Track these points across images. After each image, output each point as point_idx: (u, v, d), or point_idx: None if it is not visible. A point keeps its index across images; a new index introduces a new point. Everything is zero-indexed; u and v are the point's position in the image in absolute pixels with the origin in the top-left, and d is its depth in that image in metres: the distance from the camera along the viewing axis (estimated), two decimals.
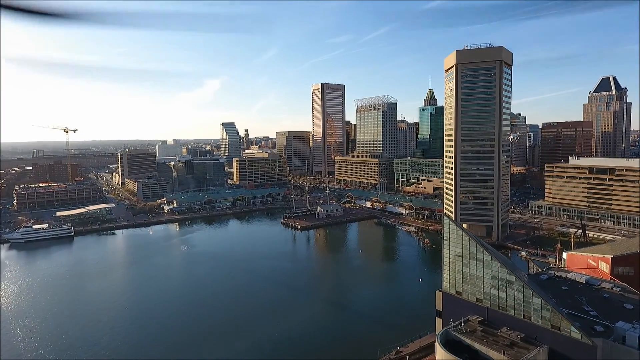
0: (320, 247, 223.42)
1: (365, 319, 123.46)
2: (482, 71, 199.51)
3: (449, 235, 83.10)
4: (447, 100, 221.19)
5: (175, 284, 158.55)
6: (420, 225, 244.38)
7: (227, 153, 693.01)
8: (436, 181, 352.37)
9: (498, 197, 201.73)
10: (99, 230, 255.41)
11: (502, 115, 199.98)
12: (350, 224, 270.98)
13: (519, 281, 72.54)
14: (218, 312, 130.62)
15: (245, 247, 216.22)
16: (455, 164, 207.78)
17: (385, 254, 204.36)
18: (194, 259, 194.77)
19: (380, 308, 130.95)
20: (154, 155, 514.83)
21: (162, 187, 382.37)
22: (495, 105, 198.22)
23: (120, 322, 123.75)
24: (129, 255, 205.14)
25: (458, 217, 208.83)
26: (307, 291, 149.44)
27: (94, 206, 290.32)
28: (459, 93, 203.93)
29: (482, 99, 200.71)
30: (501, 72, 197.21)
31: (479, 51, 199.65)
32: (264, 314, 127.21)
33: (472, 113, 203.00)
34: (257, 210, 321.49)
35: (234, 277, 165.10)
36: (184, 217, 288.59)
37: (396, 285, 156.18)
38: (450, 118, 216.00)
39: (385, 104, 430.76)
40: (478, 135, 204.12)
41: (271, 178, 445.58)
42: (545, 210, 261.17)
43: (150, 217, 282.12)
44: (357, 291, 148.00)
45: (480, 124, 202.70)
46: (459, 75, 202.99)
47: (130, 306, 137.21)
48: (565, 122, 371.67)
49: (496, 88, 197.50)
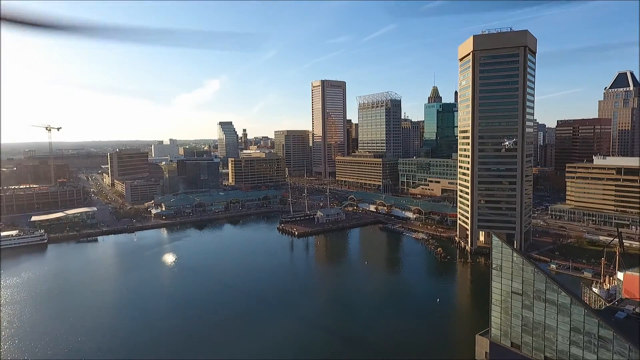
0: (319, 258, 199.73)
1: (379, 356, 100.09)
2: (504, 58, 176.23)
3: (501, 262, 59.85)
4: (462, 93, 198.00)
5: (149, 308, 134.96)
6: (430, 232, 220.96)
7: (225, 153, 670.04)
8: (444, 182, 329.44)
9: (521, 201, 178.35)
10: (77, 237, 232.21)
11: (525, 109, 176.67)
12: (352, 229, 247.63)
13: (621, 340, 48.93)
14: (196, 347, 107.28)
15: (235, 257, 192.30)
16: (472, 164, 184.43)
17: (393, 267, 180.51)
18: (175, 273, 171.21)
19: (396, 342, 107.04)
20: (146, 155, 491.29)
21: (153, 188, 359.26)
22: (518, 98, 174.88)
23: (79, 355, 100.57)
24: (103, 268, 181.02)
25: (475, 223, 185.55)
26: (305, 317, 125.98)
27: (73, 210, 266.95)
28: (476, 84, 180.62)
29: (503, 91, 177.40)
30: (525, 60, 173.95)
31: (500, 36, 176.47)
32: (255, 347, 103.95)
33: (492, 106, 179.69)
34: (252, 214, 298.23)
35: (219, 299, 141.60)
36: (172, 222, 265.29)
37: (410, 306, 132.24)
38: (465, 113, 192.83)
39: (389, 101, 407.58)
40: (498, 131, 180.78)
41: (269, 179, 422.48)
42: (567, 214, 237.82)
43: (134, 222, 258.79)
44: (366, 317, 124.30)
45: (500, 118, 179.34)
46: (477, 64, 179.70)
47: (91, 338, 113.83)
48: (582, 119, 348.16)
49: (519, 78, 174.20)
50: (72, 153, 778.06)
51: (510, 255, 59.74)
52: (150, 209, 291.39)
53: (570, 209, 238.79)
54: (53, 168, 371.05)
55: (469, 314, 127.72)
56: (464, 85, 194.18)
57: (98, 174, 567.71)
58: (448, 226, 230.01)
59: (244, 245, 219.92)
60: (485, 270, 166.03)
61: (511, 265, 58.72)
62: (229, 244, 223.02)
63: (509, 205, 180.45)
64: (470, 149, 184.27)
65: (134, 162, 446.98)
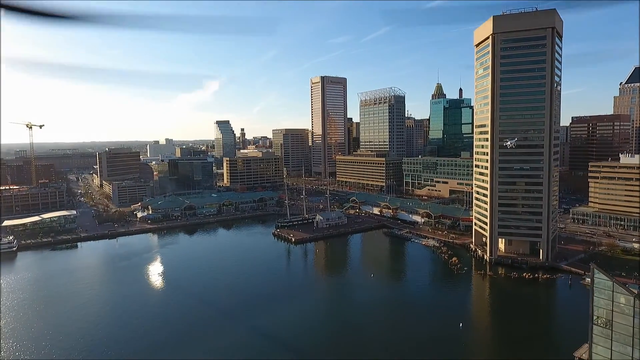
0: (319, 269, 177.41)
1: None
2: (529, 42, 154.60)
3: (611, 315, 38.07)
4: (478, 83, 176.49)
5: (113, 333, 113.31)
6: (441, 238, 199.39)
7: (222, 153, 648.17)
8: (453, 183, 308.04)
9: (548, 205, 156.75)
10: (53, 244, 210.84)
11: (554, 99, 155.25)
12: (355, 235, 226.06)
13: None
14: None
15: (223, 269, 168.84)
16: (492, 162, 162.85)
17: (403, 280, 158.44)
18: (149, 291, 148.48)
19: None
20: (137, 154, 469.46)
21: (142, 190, 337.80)
22: (546, 87, 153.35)
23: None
24: (73, 281, 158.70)
25: (495, 230, 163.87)
26: (303, 349, 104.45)
27: (50, 214, 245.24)
28: (496, 72, 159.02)
29: (528, 79, 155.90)
30: (553, 43, 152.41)
31: (524, 16, 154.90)
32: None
33: (515, 97, 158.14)
34: (247, 218, 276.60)
35: (193, 318, 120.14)
36: (158, 227, 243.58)
37: (428, 331, 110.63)
38: (483, 105, 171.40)
39: (392, 97, 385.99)
40: (522, 125, 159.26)
41: (266, 180, 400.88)
42: (591, 218, 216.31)
43: (116, 227, 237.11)
44: (377, 347, 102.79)
45: (525, 110, 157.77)
46: (497, 49, 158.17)
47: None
48: (599, 115, 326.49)
49: (547, 64, 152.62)
50: (65, 153, 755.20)
51: (631, 305, 38.11)
52: (136, 212, 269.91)
53: (595, 211, 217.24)
54: (35, 168, 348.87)
55: (499, 343, 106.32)
56: (480, 74, 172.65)
57: (89, 175, 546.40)
58: (461, 232, 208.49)
59: (233, 253, 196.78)
60: (509, 285, 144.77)
61: (632, 322, 37.19)
62: (216, 252, 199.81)
63: (534, 209, 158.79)
64: (490, 146, 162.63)
65: (124, 162, 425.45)
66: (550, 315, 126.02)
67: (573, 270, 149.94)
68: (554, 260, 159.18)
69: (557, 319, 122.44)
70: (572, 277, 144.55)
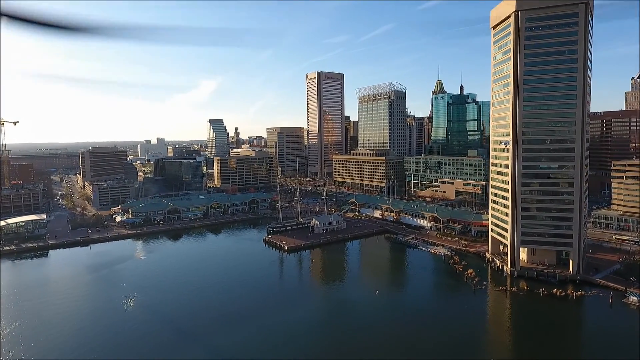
0: (315, 284, 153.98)
1: None
2: (558, 19, 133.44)
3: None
4: (497, 70, 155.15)
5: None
6: (453, 246, 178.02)
7: (215, 153, 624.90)
8: (459, 184, 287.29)
9: (580, 208, 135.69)
10: (16, 252, 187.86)
11: (587, 87, 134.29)
12: (354, 241, 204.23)
13: None
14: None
15: (205, 285, 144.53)
16: (514, 160, 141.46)
17: (414, 298, 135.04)
18: (111, 314, 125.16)
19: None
20: (123, 154, 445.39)
21: (125, 191, 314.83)
22: (578, 72, 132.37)
23: None
24: (22, 300, 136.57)
25: (517, 237, 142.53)
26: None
27: (17, 218, 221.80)
28: (520, 55, 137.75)
29: (557, 62, 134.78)
30: (586, 21, 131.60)
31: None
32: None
33: (542, 84, 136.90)
34: (237, 222, 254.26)
35: (160, 354, 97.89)
36: (138, 232, 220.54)
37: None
38: (502, 95, 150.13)
39: (393, 92, 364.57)
40: (550, 116, 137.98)
41: (259, 180, 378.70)
42: (615, 222, 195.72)
43: (89, 233, 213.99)
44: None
45: (553, 99, 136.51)
46: (521, 29, 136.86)
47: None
48: (614, 111, 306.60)
49: (579, 45, 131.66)
50: (51, 152, 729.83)
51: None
52: (115, 216, 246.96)
53: (620, 215, 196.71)
54: (10, 168, 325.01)
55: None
56: (499, 59, 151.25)
57: (75, 175, 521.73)
58: (474, 238, 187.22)
59: (215, 264, 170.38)
60: (538, 303, 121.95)
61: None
62: (196, 262, 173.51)
63: (564, 214, 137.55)
64: (512, 141, 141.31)
65: (109, 161, 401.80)
66: (593, 343, 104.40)
67: (610, 286, 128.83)
68: (585, 273, 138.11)
69: (603, 349, 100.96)
70: (612, 293, 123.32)
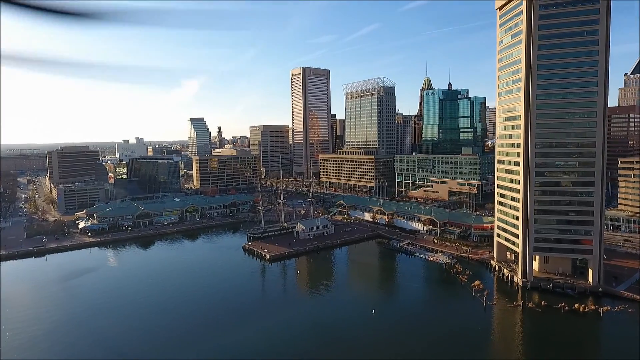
0: (301, 301, 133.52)
1: None
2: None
3: None
4: (503, 56, 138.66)
5: None
6: (453, 252, 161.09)
7: (196, 153, 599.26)
8: (453, 183, 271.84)
9: (601, 211, 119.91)
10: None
11: (608, 74, 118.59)
12: (344, 247, 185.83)
13: None
14: None
15: (167, 308, 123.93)
16: (526, 157, 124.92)
17: (418, 318, 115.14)
18: (52, 343, 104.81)
19: None
20: (95, 154, 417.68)
21: (94, 194, 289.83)
22: (599, 56, 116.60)
23: None
24: None
25: (530, 244, 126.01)
26: None
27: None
28: (533, 39, 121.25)
29: (575, 45, 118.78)
30: (608, 3, 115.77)
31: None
32: None
33: (558, 69, 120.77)
34: (215, 227, 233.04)
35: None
36: (102, 240, 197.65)
37: None
38: (510, 82, 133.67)
39: (381, 88, 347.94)
40: (568, 107, 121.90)
41: (241, 181, 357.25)
42: (624, 224, 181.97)
43: (45, 242, 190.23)
44: None
45: (572, 87, 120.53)
46: (535, 7, 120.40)
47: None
48: (612, 107, 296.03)
49: (601, 25, 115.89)
50: (21, 153, 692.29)
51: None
52: (79, 222, 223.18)
53: (627, 216, 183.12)
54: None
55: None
56: (507, 43, 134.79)
57: (44, 177, 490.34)
58: (475, 243, 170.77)
59: (185, 278, 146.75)
60: (560, 322, 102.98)
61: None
62: (164, 276, 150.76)
63: (582, 218, 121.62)
64: (523, 136, 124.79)
65: (79, 162, 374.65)
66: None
67: (637, 299, 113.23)
68: (606, 283, 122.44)
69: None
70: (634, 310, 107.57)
